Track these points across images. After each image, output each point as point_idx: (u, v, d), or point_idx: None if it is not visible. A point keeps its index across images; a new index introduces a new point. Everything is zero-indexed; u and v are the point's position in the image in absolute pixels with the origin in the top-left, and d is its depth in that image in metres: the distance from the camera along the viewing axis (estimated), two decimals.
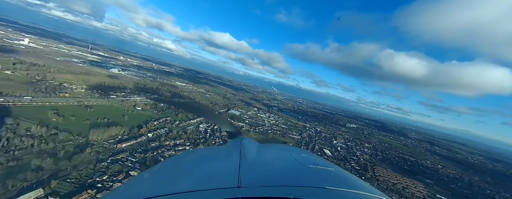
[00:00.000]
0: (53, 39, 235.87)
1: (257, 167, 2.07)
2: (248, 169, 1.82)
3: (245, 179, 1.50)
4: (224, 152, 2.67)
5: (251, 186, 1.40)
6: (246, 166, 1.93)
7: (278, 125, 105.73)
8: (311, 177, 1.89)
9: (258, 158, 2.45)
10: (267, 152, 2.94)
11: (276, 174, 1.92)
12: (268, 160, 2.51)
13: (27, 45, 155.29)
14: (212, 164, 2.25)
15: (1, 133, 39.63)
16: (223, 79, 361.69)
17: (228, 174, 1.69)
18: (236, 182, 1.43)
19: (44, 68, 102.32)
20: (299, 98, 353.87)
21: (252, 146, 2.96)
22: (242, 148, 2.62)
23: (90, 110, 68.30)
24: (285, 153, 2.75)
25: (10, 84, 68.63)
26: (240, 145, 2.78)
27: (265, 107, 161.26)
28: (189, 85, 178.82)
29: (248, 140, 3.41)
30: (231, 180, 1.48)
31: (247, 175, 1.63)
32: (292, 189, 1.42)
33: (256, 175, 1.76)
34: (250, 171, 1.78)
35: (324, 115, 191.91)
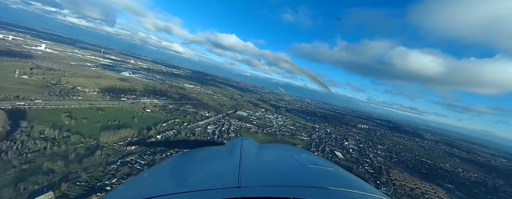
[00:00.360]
0: (68, 44, 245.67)
1: (257, 167, 2.05)
2: (248, 169, 1.81)
3: (245, 179, 1.50)
4: (224, 152, 2.62)
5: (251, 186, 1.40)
6: (246, 166, 1.89)
7: (286, 126, 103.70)
8: (311, 177, 1.89)
9: (258, 158, 2.44)
10: (267, 152, 2.89)
11: (276, 174, 1.92)
12: (268, 160, 2.51)
13: (44, 50, 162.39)
14: (212, 164, 2.22)
15: (16, 136, 40.52)
16: (230, 81, 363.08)
17: (228, 174, 1.68)
18: (236, 182, 1.43)
19: (59, 73, 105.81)
20: (307, 98, 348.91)
21: (252, 146, 2.89)
22: (242, 148, 2.55)
23: (101, 112, 69.45)
24: (285, 153, 2.70)
25: (27, 88, 71.14)
26: (240, 145, 2.70)
27: (273, 107, 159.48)
28: (197, 87, 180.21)
29: (248, 140, 3.31)
30: (231, 180, 1.48)
31: (247, 175, 1.63)
32: (292, 189, 1.42)
33: (256, 175, 1.78)
34: (250, 171, 1.78)
35: (334, 115, 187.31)
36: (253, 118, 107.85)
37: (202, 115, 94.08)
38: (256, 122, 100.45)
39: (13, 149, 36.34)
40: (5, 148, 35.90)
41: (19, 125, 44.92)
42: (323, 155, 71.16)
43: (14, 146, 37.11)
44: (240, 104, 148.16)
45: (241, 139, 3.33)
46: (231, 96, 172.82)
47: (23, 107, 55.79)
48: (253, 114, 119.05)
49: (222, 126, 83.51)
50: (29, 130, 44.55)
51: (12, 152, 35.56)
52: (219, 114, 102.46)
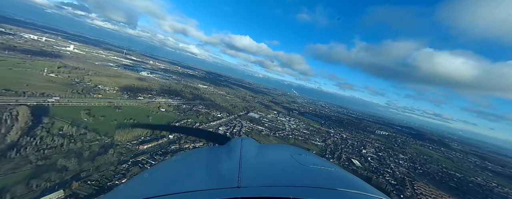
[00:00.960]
0: (94, 46, 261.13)
1: (257, 167, 2.06)
2: (248, 169, 1.82)
3: (245, 179, 1.51)
4: (224, 152, 2.63)
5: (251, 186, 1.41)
6: (246, 166, 1.90)
7: (299, 130, 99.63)
8: (311, 177, 1.88)
9: (258, 158, 2.44)
10: (267, 152, 2.88)
11: (276, 174, 1.92)
12: (268, 160, 2.50)
13: (72, 51, 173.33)
14: (212, 164, 2.22)
15: (36, 132, 41.74)
16: (243, 82, 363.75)
17: (228, 174, 1.69)
18: (236, 182, 1.43)
19: (84, 72, 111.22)
20: (321, 101, 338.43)
21: (252, 146, 2.90)
22: (242, 148, 2.57)
23: (118, 111, 71.01)
24: (285, 153, 2.69)
25: (52, 86, 74.94)
26: (240, 145, 2.72)
27: (285, 110, 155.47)
28: (211, 87, 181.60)
29: (248, 140, 3.26)
30: (231, 180, 1.49)
31: (247, 175, 1.64)
32: (292, 189, 1.42)
33: (256, 175, 1.78)
34: (250, 171, 1.79)
35: (350, 120, 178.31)
36: (265, 120, 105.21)
37: (214, 116, 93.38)
38: (268, 124, 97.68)
39: (32, 145, 37.19)
40: (24, 143, 36.82)
41: (41, 121, 46.49)
42: (339, 162, 66.51)
43: (34, 142, 38.01)
44: (252, 105, 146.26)
45: (241, 139, 3.22)
46: (243, 98, 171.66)
47: (47, 103, 58.24)
48: (265, 116, 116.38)
49: (234, 127, 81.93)
50: (49, 126, 45.90)
51: (31, 148, 36.35)
52: (231, 115, 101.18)
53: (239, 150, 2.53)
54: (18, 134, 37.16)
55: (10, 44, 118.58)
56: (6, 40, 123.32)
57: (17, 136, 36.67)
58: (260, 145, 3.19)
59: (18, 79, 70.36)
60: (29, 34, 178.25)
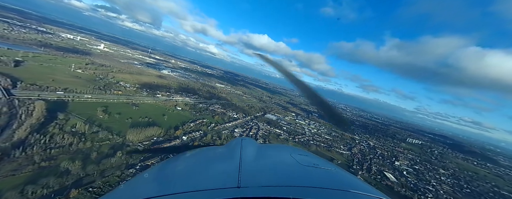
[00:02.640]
0: (122, 45, 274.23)
1: (257, 167, 2.04)
2: (248, 169, 1.80)
3: (245, 179, 1.50)
4: (224, 152, 2.61)
5: (251, 186, 1.40)
6: (246, 166, 1.89)
7: (320, 135, 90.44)
8: (311, 177, 1.87)
9: (258, 158, 2.42)
10: (267, 152, 2.86)
11: (276, 174, 1.91)
12: (268, 160, 2.48)
13: (102, 49, 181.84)
14: (212, 164, 2.20)
15: (49, 128, 39.61)
16: (260, 82, 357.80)
17: (228, 174, 1.68)
18: (236, 182, 1.42)
19: (109, 69, 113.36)
20: (341, 104, 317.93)
21: (252, 146, 2.85)
22: (242, 148, 2.53)
23: (135, 108, 68.98)
24: (285, 153, 2.66)
25: (76, 81, 75.55)
26: (240, 145, 2.68)
27: (304, 112, 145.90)
28: (228, 87, 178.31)
29: (248, 140, 3.18)
30: (231, 180, 1.48)
31: (247, 175, 1.63)
32: (292, 189, 1.42)
33: (256, 175, 1.76)
34: (250, 171, 1.77)
35: (375, 125, 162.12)
36: (283, 122, 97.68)
37: (230, 116, 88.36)
38: (287, 127, 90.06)
39: (40, 143, 34.67)
40: (33, 141, 34.37)
41: (56, 117, 44.70)
42: (370, 176, 56.89)
43: (43, 140, 35.53)
44: (269, 106, 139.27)
45: (241, 139, 3.15)
46: (260, 98, 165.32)
47: (67, 98, 57.46)
48: (283, 118, 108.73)
49: (250, 129, 75.92)
50: (63, 122, 43.88)
51: (38, 146, 33.75)
52: (247, 116, 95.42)
53: (239, 150, 2.43)
54: (27, 131, 34.85)
55: (47, 42, 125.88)
56: (44, 39, 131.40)
57: (25, 133, 34.35)
58: (260, 145, 3.04)
59: (46, 74, 71.83)
60: (66, 34, 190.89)
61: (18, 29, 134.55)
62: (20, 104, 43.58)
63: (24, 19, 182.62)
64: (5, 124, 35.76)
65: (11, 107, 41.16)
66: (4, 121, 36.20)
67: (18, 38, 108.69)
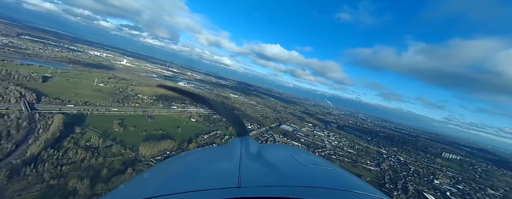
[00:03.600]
0: (143, 60, 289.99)
1: (257, 167, 2.04)
2: (248, 169, 1.80)
3: (245, 179, 1.49)
4: (224, 152, 2.59)
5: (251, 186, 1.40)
6: (246, 166, 1.88)
7: (342, 148, 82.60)
8: (311, 177, 1.86)
9: (258, 158, 2.40)
10: (267, 152, 2.79)
11: (276, 174, 1.90)
12: (268, 160, 2.44)
13: (125, 64, 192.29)
14: (212, 164, 2.18)
15: (64, 143, 38.72)
16: (273, 92, 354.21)
17: (228, 174, 1.67)
18: (236, 182, 1.41)
19: (129, 82, 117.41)
20: (360, 113, 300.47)
21: (252, 146, 2.83)
22: (242, 148, 2.51)
23: (150, 120, 68.30)
24: (285, 153, 2.65)
25: (98, 95, 77.65)
26: (240, 145, 2.66)
27: (321, 122, 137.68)
28: (241, 97, 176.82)
29: (248, 140, 3.10)
30: (231, 180, 1.47)
31: (247, 175, 1.62)
32: (292, 189, 1.41)
33: (256, 175, 1.77)
34: (250, 171, 1.77)
35: (402, 137, 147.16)
36: (299, 134, 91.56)
37: None
38: (304, 139, 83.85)
39: (53, 159, 33.36)
40: (46, 157, 33.16)
41: (73, 131, 44.22)
42: (407, 197, 48.59)
43: (56, 155, 34.29)
44: (284, 116, 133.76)
45: (241, 139, 3.03)
46: (274, 108, 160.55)
47: (86, 112, 57.99)
48: (299, 129, 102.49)
49: (266, 142, 71.24)
50: (79, 136, 43.11)
51: (50, 162, 32.37)
52: (262, 127, 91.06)
53: (239, 150, 2.41)
54: (41, 146, 33.87)
55: (76, 59, 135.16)
56: (73, 56, 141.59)
57: (39, 149, 33.32)
58: (260, 145, 2.99)
59: (70, 88, 74.76)
60: (94, 51, 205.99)
61: (51, 48, 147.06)
62: (40, 118, 43.89)
63: (58, 39, 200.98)
64: (22, 138, 35.33)
65: (31, 121, 41.37)
66: (22, 136, 35.85)
67: (50, 56, 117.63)
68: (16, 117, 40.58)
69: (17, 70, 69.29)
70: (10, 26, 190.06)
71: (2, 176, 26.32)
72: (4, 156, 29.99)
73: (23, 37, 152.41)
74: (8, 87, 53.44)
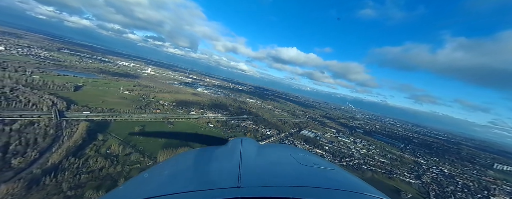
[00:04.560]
0: (166, 68, 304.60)
1: (257, 167, 2.01)
2: (248, 169, 1.79)
3: (245, 179, 1.49)
4: (224, 152, 2.58)
5: (251, 186, 1.39)
6: (246, 166, 1.87)
7: (373, 157, 73.58)
8: (311, 177, 1.86)
9: (258, 158, 2.39)
10: (267, 152, 2.81)
11: (276, 174, 1.89)
12: (268, 160, 2.44)
13: (149, 73, 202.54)
14: (212, 164, 2.16)
15: (86, 151, 38.46)
16: (290, 96, 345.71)
17: (228, 174, 1.66)
18: (236, 182, 1.41)
19: (152, 89, 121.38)
20: (387, 118, 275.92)
21: (252, 146, 2.83)
22: (242, 148, 2.50)
23: (170, 127, 67.83)
24: (285, 153, 2.62)
25: (122, 102, 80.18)
26: (240, 145, 2.65)
27: (345, 127, 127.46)
28: (258, 101, 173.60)
29: (248, 140, 3.15)
30: (231, 180, 1.46)
31: (247, 175, 1.61)
32: (292, 189, 1.40)
33: (256, 175, 1.75)
34: (250, 171, 1.76)
35: (440, 144, 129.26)
36: (322, 140, 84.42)
37: (262, 133, 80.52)
38: (328, 146, 76.66)
39: (73, 167, 32.69)
40: (67, 165, 32.61)
41: (96, 138, 44.32)
42: None
43: (76, 164, 33.67)
44: (304, 121, 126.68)
45: (241, 139, 3.10)
46: (293, 112, 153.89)
47: (110, 119, 59.06)
48: (322, 135, 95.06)
49: None
50: (101, 144, 42.93)
51: (70, 171, 31.64)
52: (282, 133, 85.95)
53: (239, 150, 2.38)
54: (62, 154, 33.53)
55: (106, 69, 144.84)
56: (104, 67, 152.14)
57: (59, 157, 32.94)
58: (260, 145, 2.98)
59: (98, 96, 78.27)
60: (122, 61, 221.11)
61: (86, 60, 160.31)
62: (67, 125, 44.83)
63: (92, 52, 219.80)
64: (47, 146, 35.59)
65: (58, 129, 42.24)
66: (47, 143, 36.20)
67: (84, 67, 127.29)
68: (44, 124, 41.76)
69: (53, 81, 74.42)
70: (52, 41, 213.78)
71: (21, 186, 25.66)
72: (27, 164, 29.88)
73: (62, 51, 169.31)
74: (43, 97, 56.65)
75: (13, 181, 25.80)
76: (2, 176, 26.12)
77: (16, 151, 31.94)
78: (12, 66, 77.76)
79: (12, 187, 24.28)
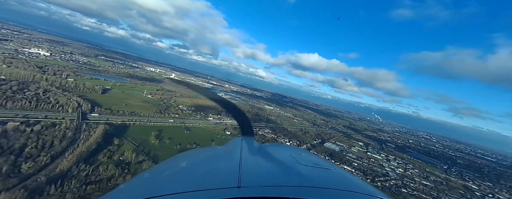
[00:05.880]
0: (188, 74, 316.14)
1: (257, 167, 2.02)
2: (248, 169, 1.77)
3: (245, 179, 1.48)
4: (224, 152, 2.56)
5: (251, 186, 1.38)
6: (246, 166, 1.86)
7: (412, 178, 61.73)
8: (311, 177, 1.84)
9: (258, 158, 2.38)
10: (267, 152, 2.79)
11: (276, 174, 1.88)
12: (268, 160, 2.42)
13: (173, 78, 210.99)
14: (212, 164, 2.16)
15: (98, 156, 36.42)
16: (309, 103, 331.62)
17: (228, 174, 1.65)
18: (236, 182, 1.40)
19: (173, 94, 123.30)
20: (421, 131, 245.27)
21: (252, 146, 2.81)
22: (242, 148, 2.47)
23: (186, 132, 65.36)
24: (285, 153, 2.59)
25: (144, 105, 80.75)
26: (240, 145, 2.62)
27: (374, 141, 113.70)
28: (276, 108, 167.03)
29: (248, 140, 3.11)
30: (231, 180, 1.45)
31: (247, 175, 1.60)
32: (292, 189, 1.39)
33: (256, 175, 1.75)
34: (250, 171, 1.75)
35: (491, 166, 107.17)
36: (350, 155, 74.43)
37: (282, 144, 73.78)
38: (357, 163, 66.75)
39: (82, 175, 30.27)
40: (76, 172, 30.33)
41: (111, 142, 42.63)
42: None
43: (86, 171, 31.30)
44: (326, 132, 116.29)
45: (241, 139, 3.04)
46: (313, 122, 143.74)
47: (129, 122, 58.27)
48: (348, 148, 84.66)
49: None
50: (115, 149, 40.94)
51: (78, 179, 29.17)
52: (303, 144, 78.20)
53: (239, 150, 2.36)
54: (74, 160, 31.47)
55: (134, 74, 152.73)
56: (133, 72, 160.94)
57: (70, 163, 30.84)
58: (260, 144, 2.98)
59: (122, 99, 79.98)
60: (150, 67, 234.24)
61: (118, 65, 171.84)
62: (86, 128, 44.07)
63: (125, 58, 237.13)
64: (61, 150, 34.19)
65: (76, 132, 41.45)
66: (62, 147, 34.88)
67: (115, 72, 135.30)
68: (65, 126, 41.30)
69: (84, 84, 78.01)
70: (92, 49, 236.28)
71: (23, 196, 23.31)
72: (36, 170, 28.10)
73: (99, 58, 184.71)
74: (71, 98, 58.26)
75: (15, 190, 23.64)
76: (6, 183, 24.25)
77: (30, 154, 30.70)
78: (51, 70, 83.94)
79: (10, 197, 21.94)
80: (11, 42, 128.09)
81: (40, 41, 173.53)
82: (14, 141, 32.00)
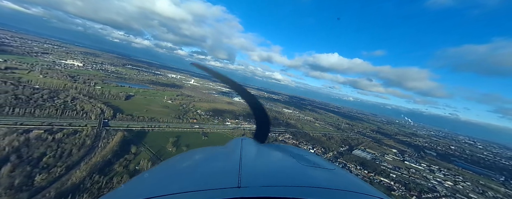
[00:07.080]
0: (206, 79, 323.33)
1: (257, 167, 1.99)
2: (248, 169, 1.74)
3: (245, 179, 1.45)
4: (224, 152, 2.52)
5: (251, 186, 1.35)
6: (246, 166, 1.82)
7: (466, 194, 50.36)
8: (311, 177, 1.81)
9: (258, 158, 2.37)
10: (267, 152, 2.76)
11: (276, 174, 1.85)
12: (268, 160, 2.41)
13: (192, 83, 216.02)
14: (212, 164, 2.10)
15: (114, 166, 34.48)
16: (329, 106, 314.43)
17: (228, 174, 1.61)
18: (236, 182, 1.37)
19: (192, 99, 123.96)
20: (461, 135, 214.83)
21: (252, 146, 2.77)
22: (242, 148, 2.42)
23: (204, 138, 62.67)
24: (285, 153, 2.55)
25: (164, 111, 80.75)
26: (240, 145, 2.57)
27: (409, 147, 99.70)
28: (295, 112, 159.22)
29: (248, 140, 3.09)
30: (231, 180, 1.42)
31: (247, 175, 1.56)
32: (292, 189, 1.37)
33: (256, 175, 1.71)
34: (250, 171, 1.71)
35: None
36: (384, 165, 64.53)
37: None
38: (395, 174, 57.07)
39: (94, 188, 28.06)
40: (89, 185, 28.23)
41: (129, 150, 40.94)
42: None
43: (99, 184, 29.11)
44: (353, 137, 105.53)
45: (241, 139, 2.99)
46: (337, 126, 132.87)
47: (148, 129, 57.24)
48: (381, 156, 74.24)
49: None
50: (132, 158, 38.99)
51: (90, 193, 26.89)
52: (328, 152, 70.32)
53: (239, 150, 2.31)
54: (86, 172, 29.58)
55: (157, 80, 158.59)
56: (156, 79, 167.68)
57: (84, 175, 28.89)
58: (260, 144, 2.94)
59: (144, 105, 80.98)
60: (171, 74, 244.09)
61: (142, 73, 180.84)
62: (106, 135, 43.22)
63: (149, 66, 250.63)
64: (78, 159, 32.84)
65: (96, 139, 40.58)
66: (79, 156, 33.61)
67: (139, 79, 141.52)
68: (85, 134, 40.74)
69: (110, 91, 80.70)
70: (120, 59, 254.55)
71: None
72: (49, 183, 26.46)
73: (126, 66, 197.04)
74: (96, 105, 59.41)
75: None
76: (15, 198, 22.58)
77: (47, 164, 29.58)
78: (82, 79, 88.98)
79: None
80: (50, 55, 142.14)
81: (75, 53, 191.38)
82: (34, 150, 31.41)
